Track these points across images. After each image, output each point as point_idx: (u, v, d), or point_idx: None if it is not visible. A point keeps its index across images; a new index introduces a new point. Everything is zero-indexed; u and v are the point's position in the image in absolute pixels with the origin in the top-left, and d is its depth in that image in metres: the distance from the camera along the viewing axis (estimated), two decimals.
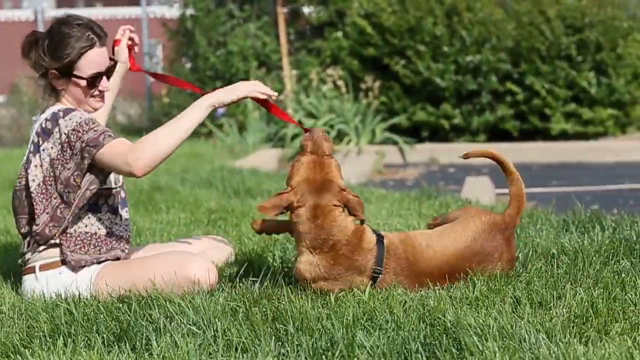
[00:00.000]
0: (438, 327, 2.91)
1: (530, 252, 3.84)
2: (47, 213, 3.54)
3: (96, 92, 3.62)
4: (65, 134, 3.49)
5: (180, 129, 3.45)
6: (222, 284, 3.55)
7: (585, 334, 2.84)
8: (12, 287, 3.73)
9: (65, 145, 3.49)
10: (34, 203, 3.56)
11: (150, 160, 3.39)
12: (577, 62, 10.93)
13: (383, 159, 10.29)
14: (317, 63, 11.80)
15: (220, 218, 5.26)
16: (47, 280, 3.55)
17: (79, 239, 3.58)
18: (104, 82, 3.63)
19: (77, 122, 3.49)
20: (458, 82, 10.97)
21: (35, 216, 3.56)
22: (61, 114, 3.53)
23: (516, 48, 10.97)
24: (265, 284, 3.54)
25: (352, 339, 2.82)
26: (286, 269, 3.78)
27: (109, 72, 3.65)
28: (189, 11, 12.29)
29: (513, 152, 10.48)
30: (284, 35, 11.84)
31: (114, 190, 3.67)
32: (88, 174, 3.52)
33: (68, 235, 3.57)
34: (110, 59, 3.67)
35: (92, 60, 3.57)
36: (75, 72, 3.57)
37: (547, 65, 10.88)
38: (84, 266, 3.56)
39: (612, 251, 3.83)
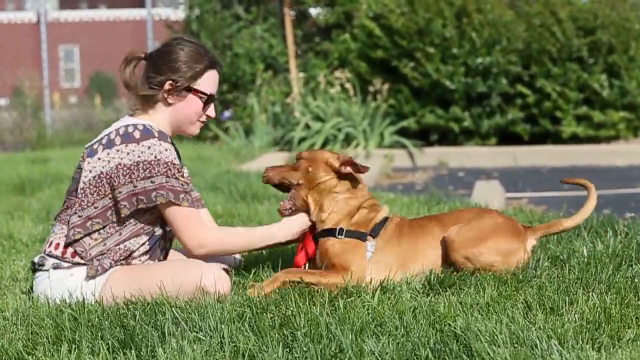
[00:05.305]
0: (448, 333, 2.88)
1: (542, 257, 3.80)
2: (78, 216, 3.44)
3: (204, 117, 3.54)
4: (135, 161, 3.35)
5: (251, 245, 3.62)
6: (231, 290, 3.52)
7: (597, 340, 2.81)
8: (16, 292, 3.70)
9: (126, 170, 3.37)
10: (80, 197, 3.43)
11: (209, 252, 3.50)
12: (588, 64, 10.86)
13: (392, 163, 10.25)
14: (324, 65, 11.76)
15: (227, 222, 5.23)
16: (57, 281, 3.49)
17: (117, 252, 3.49)
18: (212, 108, 3.56)
19: (157, 157, 3.35)
20: (468, 85, 10.91)
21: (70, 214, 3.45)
22: (137, 134, 3.39)
23: (527, 50, 10.90)
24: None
25: (361, 345, 2.78)
26: None
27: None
28: (195, 13, 12.28)
29: (524, 156, 10.44)
30: (291, 37, 11.81)
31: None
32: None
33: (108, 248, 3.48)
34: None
35: (211, 80, 3.51)
36: (196, 87, 3.49)
37: (558, 68, 10.82)
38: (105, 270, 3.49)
39: (625, 256, 3.78)
